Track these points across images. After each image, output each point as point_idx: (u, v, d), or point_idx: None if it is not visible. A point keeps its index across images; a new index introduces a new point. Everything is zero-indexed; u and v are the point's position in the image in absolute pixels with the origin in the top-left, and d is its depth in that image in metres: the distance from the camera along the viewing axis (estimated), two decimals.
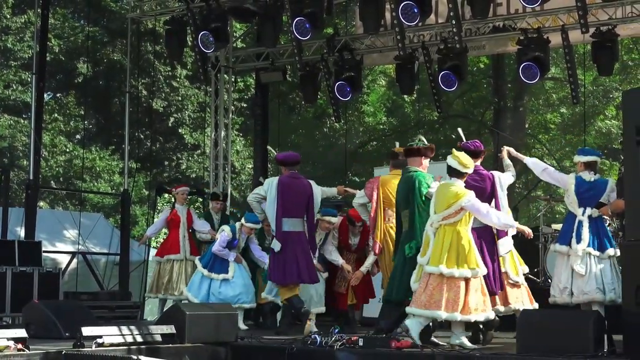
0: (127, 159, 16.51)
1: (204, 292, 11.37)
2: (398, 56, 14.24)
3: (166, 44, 15.82)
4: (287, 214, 9.97)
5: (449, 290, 8.25)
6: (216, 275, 11.46)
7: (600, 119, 25.31)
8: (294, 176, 10.19)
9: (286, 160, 10.31)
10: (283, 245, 9.94)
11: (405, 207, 8.93)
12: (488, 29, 14.38)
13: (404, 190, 8.99)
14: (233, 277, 11.43)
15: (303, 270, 9.98)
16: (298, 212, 10.04)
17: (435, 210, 8.45)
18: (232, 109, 17.20)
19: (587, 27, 12.66)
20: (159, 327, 8.88)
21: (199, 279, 11.51)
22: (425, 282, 8.35)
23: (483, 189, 8.89)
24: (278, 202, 9.95)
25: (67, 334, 9.26)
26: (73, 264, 16.11)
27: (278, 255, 9.99)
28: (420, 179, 8.89)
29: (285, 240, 9.95)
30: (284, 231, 9.96)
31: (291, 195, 10.01)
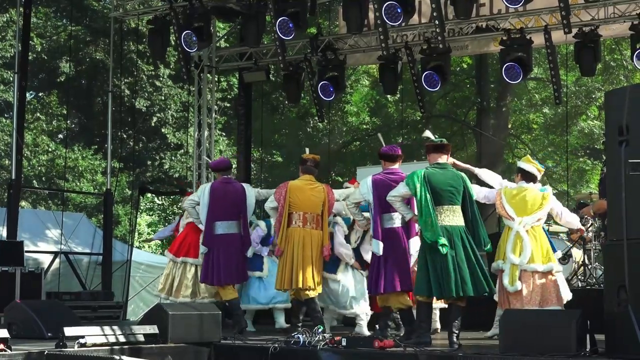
0: (109, 158, 16.46)
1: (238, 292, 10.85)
2: (381, 56, 14.26)
3: (149, 43, 15.77)
4: (220, 217, 10.57)
5: (552, 284, 9.01)
6: (250, 272, 11.09)
7: (583, 119, 25.41)
8: (226, 181, 10.81)
9: (218, 166, 11.02)
10: (216, 247, 10.52)
11: (458, 202, 8.77)
12: (471, 29, 14.41)
13: (453, 185, 8.79)
14: (268, 275, 11.05)
15: (233, 271, 10.55)
16: (231, 215, 10.62)
17: (521, 213, 9.06)
18: (215, 108, 17.17)
19: (570, 28, 12.70)
20: (142, 327, 8.85)
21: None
22: (531, 280, 8.87)
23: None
24: (210, 207, 10.56)
25: (49, 334, 9.23)
26: (55, 264, 16.04)
27: (208, 256, 10.60)
28: (467, 180, 8.97)
29: (217, 243, 10.53)
30: (217, 234, 10.54)
31: (223, 200, 10.60)
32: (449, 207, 8.69)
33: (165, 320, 8.83)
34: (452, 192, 8.73)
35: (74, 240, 16.81)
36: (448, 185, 8.73)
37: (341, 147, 26.65)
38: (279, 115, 27.23)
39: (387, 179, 9.33)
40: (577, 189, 24.97)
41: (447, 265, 8.50)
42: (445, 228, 8.61)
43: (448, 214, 8.68)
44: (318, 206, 10.05)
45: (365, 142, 27.22)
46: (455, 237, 8.61)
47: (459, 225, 8.69)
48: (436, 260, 8.57)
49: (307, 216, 10.00)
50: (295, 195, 10.01)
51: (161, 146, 26.67)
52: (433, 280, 8.61)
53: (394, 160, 9.55)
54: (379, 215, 9.30)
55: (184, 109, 25.52)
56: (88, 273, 15.98)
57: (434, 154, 8.94)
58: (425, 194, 8.61)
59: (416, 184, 8.66)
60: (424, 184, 8.64)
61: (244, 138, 16.84)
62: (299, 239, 9.93)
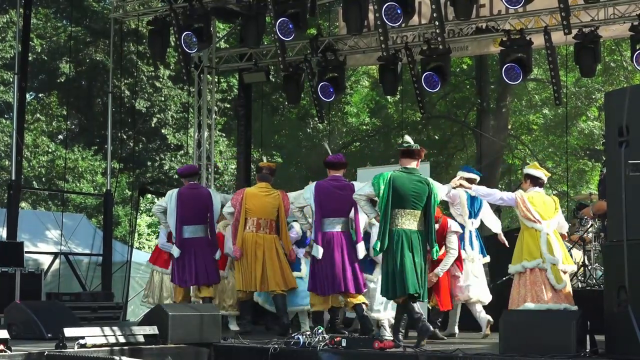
0: (109, 159, 16.46)
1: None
2: (381, 57, 14.25)
3: (149, 44, 15.77)
4: (187, 222, 10.94)
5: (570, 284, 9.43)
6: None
7: (583, 120, 25.42)
8: (193, 187, 11.21)
9: (185, 172, 11.43)
10: (183, 251, 10.87)
11: (420, 207, 9.02)
12: (471, 30, 14.41)
13: (417, 190, 9.02)
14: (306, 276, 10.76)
15: (201, 273, 10.90)
16: (198, 220, 10.99)
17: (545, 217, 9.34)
18: (215, 109, 17.17)
19: (570, 29, 12.69)
20: (142, 327, 8.86)
21: None
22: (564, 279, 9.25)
23: (346, 197, 9.64)
24: (177, 212, 10.92)
25: (49, 335, 9.24)
26: (55, 265, 16.04)
27: (178, 260, 10.94)
28: (434, 185, 9.19)
29: (185, 247, 10.89)
30: (184, 238, 10.91)
31: (190, 205, 10.97)
32: (410, 212, 8.96)
33: (165, 321, 8.83)
34: (415, 196, 8.98)
35: (74, 241, 16.81)
36: (412, 190, 8.97)
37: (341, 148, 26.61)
38: (279, 116, 27.23)
39: (331, 186, 9.84)
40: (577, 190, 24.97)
41: (404, 266, 8.80)
42: (404, 231, 8.90)
43: (409, 217, 8.96)
44: (272, 212, 10.56)
45: (365, 143, 27.22)
46: (414, 241, 8.92)
47: (418, 229, 8.97)
48: (390, 263, 8.90)
49: (261, 222, 10.52)
50: (250, 202, 10.52)
51: (161, 147, 26.67)
52: (391, 282, 8.92)
53: (338, 168, 10.03)
54: (320, 219, 9.75)
55: (184, 110, 25.53)
56: (88, 274, 15.97)
57: (404, 158, 9.19)
58: (387, 196, 8.90)
59: (381, 185, 8.94)
60: (388, 186, 8.92)
61: (243, 139, 16.84)
62: (252, 243, 10.45)
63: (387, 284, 8.97)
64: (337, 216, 9.74)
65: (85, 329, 8.53)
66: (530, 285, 9.24)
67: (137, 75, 24.32)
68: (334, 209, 9.75)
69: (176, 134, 25.75)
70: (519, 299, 9.27)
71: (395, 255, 8.85)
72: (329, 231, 9.73)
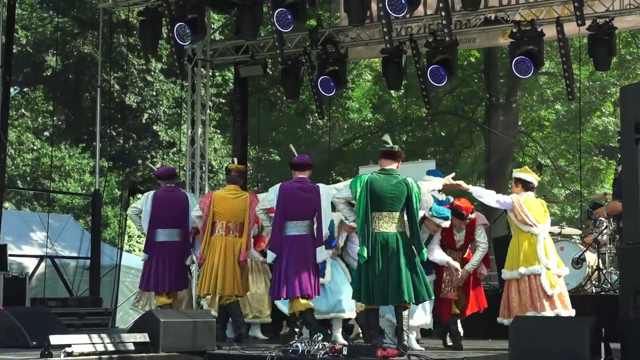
0: (98, 157, 16.44)
1: None
2: (385, 49, 14.24)
3: (140, 36, 15.76)
4: (162, 225, 11.18)
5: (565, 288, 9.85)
6: None
7: (597, 116, 25.43)
8: (169, 189, 11.46)
9: (162, 175, 11.78)
10: (155, 255, 11.12)
11: (399, 209, 9.16)
12: (479, 21, 14.40)
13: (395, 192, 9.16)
14: (331, 282, 10.59)
15: (171, 278, 11.13)
16: (174, 223, 11.22)
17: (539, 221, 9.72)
18: (210, 104, 17.16)
19: (583, 20, 12.69)
20: (132, 335, 8.85)
21: None
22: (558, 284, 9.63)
23: (311, 199, 9.94)
24: (152, 214, 11.16)
25: (34, 342, 9.22)
26: (41, 269, 16.03)
27: (148, 264, 11.20)
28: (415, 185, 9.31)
29: (157, 250, 11.14)
30: (158, 241, 11.14)
31: (166, 208, 11.22)
32: (388, 214, 9.10)
33: (157, 328, 8.82)
34: (393, 198, 9.12)
35: (60, 244, 16.80)
36: (390, 192, 9.11)
37: (342, 145, 26.67)
38: (277, 111, 27.24)
39: (296, 188, 10.08)
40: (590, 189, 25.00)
41: (380, 272, 8.95)
42: (382, 234, 9.04)
43: (387, 220, 9.10)
44: (242, 215, 10.76)
45: (367, 140, 27.23)
46: (392, 244, 9.02)
47: (397, 232, 9.09)
48: (369, 267, 9.00)
49: (230, 225, 10.74)
50: (219, 205, 10.75)
51: (152, 144, 26.67)
52: (365, 288, 9.03)
53: (304, 169, 10.24)
54: (282, 222, 9.99)
55: (177, 105, 25.53)
56: (75, 278, 15.96)
57: (383, 159, 9.35)
58: (364, 199, 9.05)
59: (357, 188, 9.09)
60: (365, 189, 9.07)
61: (239, 136, 16.83)
62: (221, 247, 10.66)
63: (365, 289, 9.05)
64: (301, 219, 9.99)
65: (72, 337, 8.52)
66: (530, 292, 9.56)
67: (127, 68, 24.32)
68: (297, 212, 9.99)
69: (168, 130, 25.76)
70: (520, 307, 9.51)
71: (375, 261, 8.99)
72: (293, 234, 9.97)
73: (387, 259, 8.97)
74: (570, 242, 12.87)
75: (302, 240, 9.98)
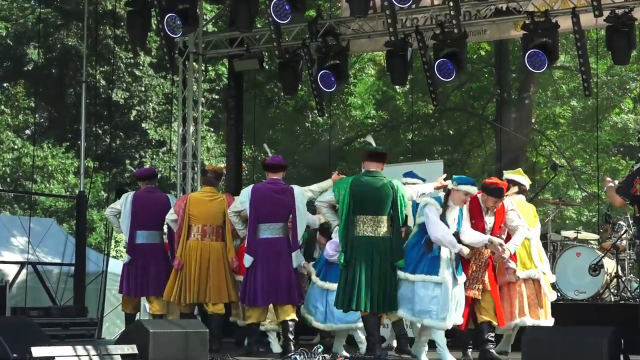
0: (83, 157, 16.44)
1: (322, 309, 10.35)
2: (389, 42, 14.25)
3: (127, 28, 15.75)
4: (141, 226, 11.55)
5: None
6: (330, 283, 10.32)
7: (616, 113, 25.44)
8: (149, 190, 11.79)
9: (141, 175, 12.17)
10: (135, 257, 11.53)
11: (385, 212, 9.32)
12: (490, 11, 14.40)
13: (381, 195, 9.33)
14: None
15: (152, 283, 11.45)
16: (154, 225, 11.63)
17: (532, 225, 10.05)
18: (202, 100, 17.17)
19: (601, 10, 12.69)
20: (119, 346, 8.86)
21: (315, 292, 10.49)
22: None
23: (284, 201, 10.24)
24: (132, 216, 11.52)
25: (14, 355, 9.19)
26: (22, 276, 16.02)
27: (128, 266, 11.62)
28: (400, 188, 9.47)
29: (137, 253, 11.54)
30: (137, 243, 11.54)
31: (146, 209, 11.56)
32: (372, 218, 9.27)
33: (146, 339, 8.83)
34: (378, 201, 9.30)
35: (43, 249, 16.80)
36: (374, 195, 9.30)
37: (344, 144, 26.68)
38: (274, 108, 27.25)
39: (268, 189, 10.36)
40: None
41: (358, 279, 9.12)
42: (366, 238, 9.22)
43: (371, 224, 9.27)
44: (218, 218, 10.95)
45: None
46: (375, 249, 9.19)
47: (382, 236, 9.26)
48: (350, 272, 9.20)
49: (207, 228, 10.92)
50: (194, 208, 10.95)
51: (141, 143, 26.69)
52: (343, 294, 9.24)
53: (277, 170, 10.51)
54: (255, 225, 10.27)
55: (167, 102, 25.55)
56: (58, 286, 15.96)
57: (368, 161, 9.50)
58: (348, 202, 9.27)
59: (341, 191, 9.34)
60: (348, 191, 9.29)
61: (234, 134, 16.83)
62: (197, 252, 10.85)
63: (343, 294, 9.24)
64: (274, 221, 10.26)
65: (56, 348, 8.53)
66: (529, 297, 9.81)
67: (114, 62, 24.33)
68: (270, 214, 10.25)
69: (158, 128, 25.78)
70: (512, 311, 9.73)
71: (355, 265, 9.17)
72: (266, 237, 10.24)
73: (371, 264, 9.14)
74: (587, 248, 12.89)
75: (276, 243, 10.23)
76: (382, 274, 9.12)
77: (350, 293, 9.14)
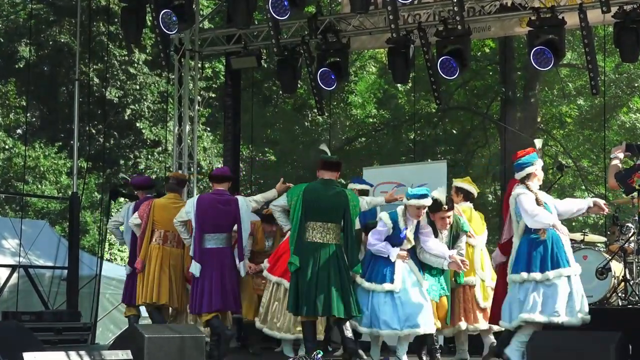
0: (76, 157, 16.44)
1: (367, 314, 9.92)
2: (390, 39, 14.26)
3: (122, 24, 15.76)
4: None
5: None
6: (376, 284, 9.92)
7: (624, 112, 25.44)
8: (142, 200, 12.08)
9: (138, 185, 12.62)
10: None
11: (336, 220, 9.90)
12: (494, 7, 14.40)
13: (333, 203, 9.89)
14: (400, 290, 9.86)
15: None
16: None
17: (477, 232, 10.55)
18: (199, 99, 17.17)
19: (609, 6, 12.70)
20: (113, 352, 8.87)
21: (360, 295, 9.99)
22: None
23: (229, 212, 10.78)
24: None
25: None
26: (13, 279, 16.04)
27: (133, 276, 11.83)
28: (353, 197, 10.05)
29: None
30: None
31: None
32: (323, 224, 9.85)
33: (141, 344, 8.84)
34: (329, 209, 9.88)
35: (35, 252, 16.81)
36: (326, 202, 9.88)
37: (344, 144, 26.67)
38: (272, 107, 27.25)
39: (214, 200, 10.87)
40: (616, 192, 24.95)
41: (311, 283, 9.66)
42: (315, 245, 9.79)
43: (321, 230, 9.84)
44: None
45: (372, 138, 27.23)
46: (324, 255, 9.74)
47: (332, 243, 9.83)
48: (300, 277, 9.75)
49: (168, 234, 11.41)
50: (158, 213, 11.43)
51: (136, 143, 26.68)
52: (295, 298, 9.80)
53: (222, 181, 11.02)
54: (200, 235, 10.74)
55: (162, 100, 25.53)
56: (51, 290, 15.97)
57: (322, 170, 10.10)
58: (300, 208, 9.82)
59: (294, 196, 9.91)
60: (301, 197, 9.86)
61: (231, 134, 16.84)
62: (157, 256, 11.35)
63: (295, 299, 9.78)
64: (218, 232, 10.77)
65: (48, 354, 8.53)
66: (464, 303, 10.41)
67: (107, 60, 24.32)
68: (214, 224, 10.77)
69: (153, 128, 25.76)
70: (454, 317, 10.37)
71: (305, 270, 9.71)
72: (211, 247, 10.74)
73: (318, 269, 9.68)
74: (594, 251, 12.88)
75: (220, 253, 10.75)
76: (332, 278, 9.62)
77: (300, 297, 9.73)
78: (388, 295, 9.77)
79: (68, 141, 25.47)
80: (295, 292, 9.81)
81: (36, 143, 25.92)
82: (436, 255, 9.88)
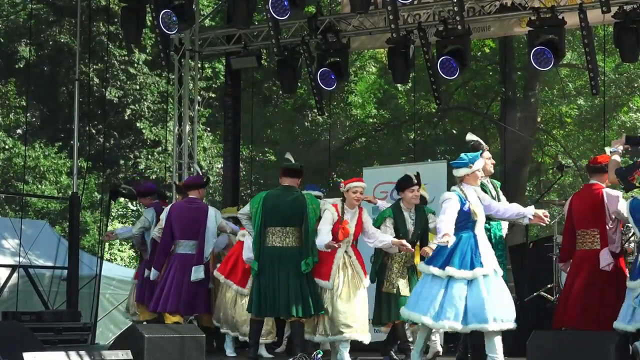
0: (76, 157, 16.44)
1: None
2: (390, 39, 14.26)
3: (122, 24, 15.75)
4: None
5: None
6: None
7: (624, 112, 25.43)
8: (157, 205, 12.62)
9: (143, 191, 13.22)
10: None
11: (296, 224, 10.23)
12: (494, 7, 14.40)
13: (292, 208, 10.25)
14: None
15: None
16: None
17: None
18: (199, 99, 17.17)
19: (609, 6, 12.69)
20: (113, 352, 8.87)
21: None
22: None
23: (197, 219, 11.44)
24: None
25: None
26: (13, 279, 16.03)
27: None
28: (312, 201, 10.39)
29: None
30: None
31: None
32: (281, 229, 10.23)
33: (141, 344, 8.84)
34: (289, 214, 10.25)
35: (35, 252, 16.80)
36: (285, 208, 10.25)
37: (344, 144, 26.65)
38: (272, 107, 27.23)
39: (187, 207, 11.58)
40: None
41: (270, 285, 10.07)
42: (274, 249, 10.18)
43: (280, 235, 10.22)
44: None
45: (372, 138, 27.22)
46: (284, 259, 10.14)
47: (292, 246, 10.19)
48: (261, 280, 10.15)
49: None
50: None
51: (136, 143, 26.67)
52: (256, 299, 10.16)
53: (194, 189, 11.72)
54: (170, 241, 11.50)
55: (162, 100, 25.52)
56: (51, 290, 15.96)
57: (284, 177, 10.47)
58: (260, 215, 10.23)
59: (255, 204, 10.32)
60: (261, 205, 10.27)
61: (231, 134, 16.84)
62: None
63: (258, 301, 10.13)
64: (188, 238, 11.49)
65: (48, 354, 8.53)
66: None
67: (107, 60, 24.31)
68: (184, 231, 11.46)
69: (153, 128, 25.76)
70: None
71: (265, 274, 10.13)
72: (185, 252, 11.44)
73: (278, 272, 10.08)
74: None
75: (189, 259, 11.38)
76: (292, 280, 10.01)
77: (261, 299, 10.10)
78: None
79: (68, 141, 25.47)
80: (257, 295, 10.16)
81: (36, 143, 25.90)
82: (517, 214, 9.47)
